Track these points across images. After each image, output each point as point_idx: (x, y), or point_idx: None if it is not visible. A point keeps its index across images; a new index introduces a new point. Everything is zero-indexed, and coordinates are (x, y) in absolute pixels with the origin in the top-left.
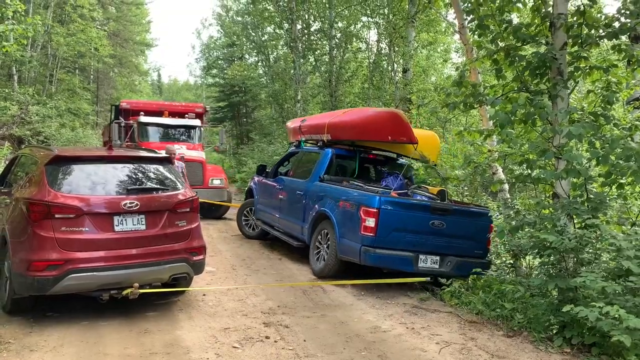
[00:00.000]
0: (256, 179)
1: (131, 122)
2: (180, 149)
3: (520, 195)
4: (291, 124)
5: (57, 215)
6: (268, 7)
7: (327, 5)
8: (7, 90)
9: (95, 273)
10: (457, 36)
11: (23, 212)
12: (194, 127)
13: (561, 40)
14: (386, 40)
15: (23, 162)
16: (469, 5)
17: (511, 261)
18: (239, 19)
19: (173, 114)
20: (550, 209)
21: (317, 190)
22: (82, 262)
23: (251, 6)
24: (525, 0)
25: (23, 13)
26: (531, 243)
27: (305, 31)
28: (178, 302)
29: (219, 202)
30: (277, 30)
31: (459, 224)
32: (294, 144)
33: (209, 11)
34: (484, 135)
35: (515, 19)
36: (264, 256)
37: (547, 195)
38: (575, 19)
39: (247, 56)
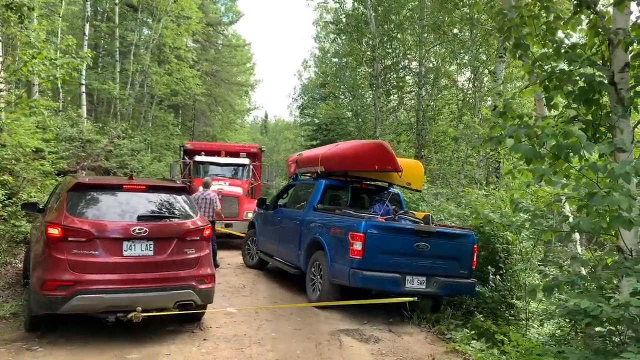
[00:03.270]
0: (257, 211)
1: (188, 160)
2: (220, 184)
3: (590, 247)
4: (290, 158)
5: (70, 239)
6: (355, 46)
7: (417, 43)
8: (100, 125)
9: (101, 295)
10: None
11: (43, 234)
12: (242, 165)
13: (621, 60)
14: (472, 76)
15: (59, 189)
16: (505, 22)
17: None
18: (335, 60)
19: (229, 154)
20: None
21: (311, 219)
22: (89, 284)
23: (341, 47)
24: (581, 17)
25: (74, 47)
26: (565, 307)
27: (393, 68)
28: (172, 346)
29: (233, 232)
30: (366, 69)
31: (443, 246)
32: (292, 177)
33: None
34: (537, 175)
35: (573, 38)
36: (299, 300)
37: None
38: (635, 34)
39: (342, 96)
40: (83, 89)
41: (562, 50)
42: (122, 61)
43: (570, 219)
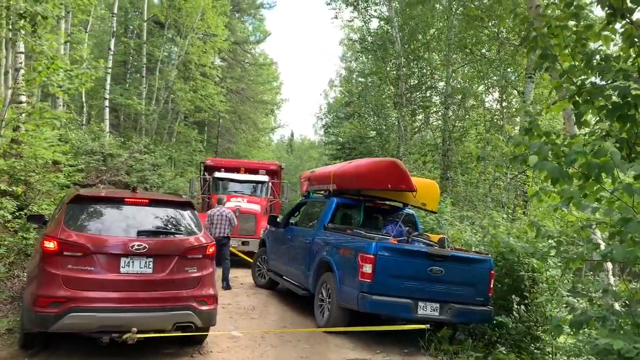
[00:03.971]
0: (268, 229)
1: (208, 177)
2: (238, 201)
3: (624, 278)
4: (303, 175)
5: (65, 253)
6: (380, 64)
7: (444, 63)
8: (122, 139)
9: (95, 314)
10: None
11: (38, 247)
12: (261, 183)
13: None
14: (498, 96)
15: (63, 201)
16: (531, 31)
17: None
18: (362, 79)
19: (248, 171)
20: None
21: (321, 239)
22: (83, 301)
23: (365, 65)
24: (616, 27)
25: (87, 57)
26: (595, 346)
27: (419, 87)
28: None
29: (236, 251)
30: (391, 87)
31: (458, 271)
32: (304, 194)
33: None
34: (564, 198)
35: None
36: (310, 324)
37: None
38: None
39: (366, 115)
40: (106, 103)
41: (594, 62)
42: (148, 77)
43: (602, 247)
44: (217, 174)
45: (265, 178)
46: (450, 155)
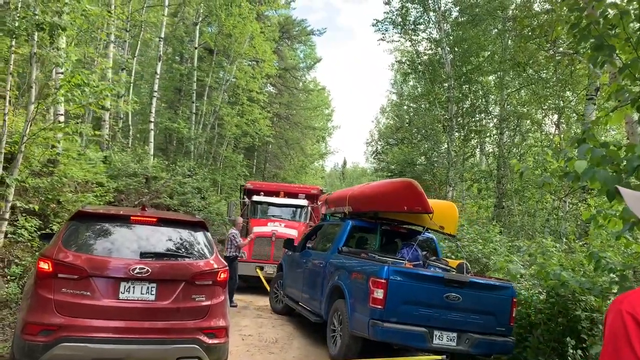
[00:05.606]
0: (286, 252)
1: (246, 200)
2: (275, 226)
3: None
4: (322, 198)
5: (60, 275)
6: (429, 87)
7: (497, 85)
8: (167, 162)
9: (88, 345)
10: None
11: (35, 268)
12: (300, 207)
13: None
14: (557, 120)
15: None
16: (582, 18)
17: None
18: (413, 105)
19: (288, 195)
20: None
21: (334, 262)
22: (76, 330)
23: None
24: None
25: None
26: None
27: (472, 111)
28: None
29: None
30: (440, 110)
31: (478, 298)
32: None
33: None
34: (627, 220)
35: None
36: None
37: None
38: None
39: (415, 140)
40: (152, 126)
41: None
42: (197, 103)
43: None
44: (256, 198)
45: (304, 202)
46: (505, 182)
